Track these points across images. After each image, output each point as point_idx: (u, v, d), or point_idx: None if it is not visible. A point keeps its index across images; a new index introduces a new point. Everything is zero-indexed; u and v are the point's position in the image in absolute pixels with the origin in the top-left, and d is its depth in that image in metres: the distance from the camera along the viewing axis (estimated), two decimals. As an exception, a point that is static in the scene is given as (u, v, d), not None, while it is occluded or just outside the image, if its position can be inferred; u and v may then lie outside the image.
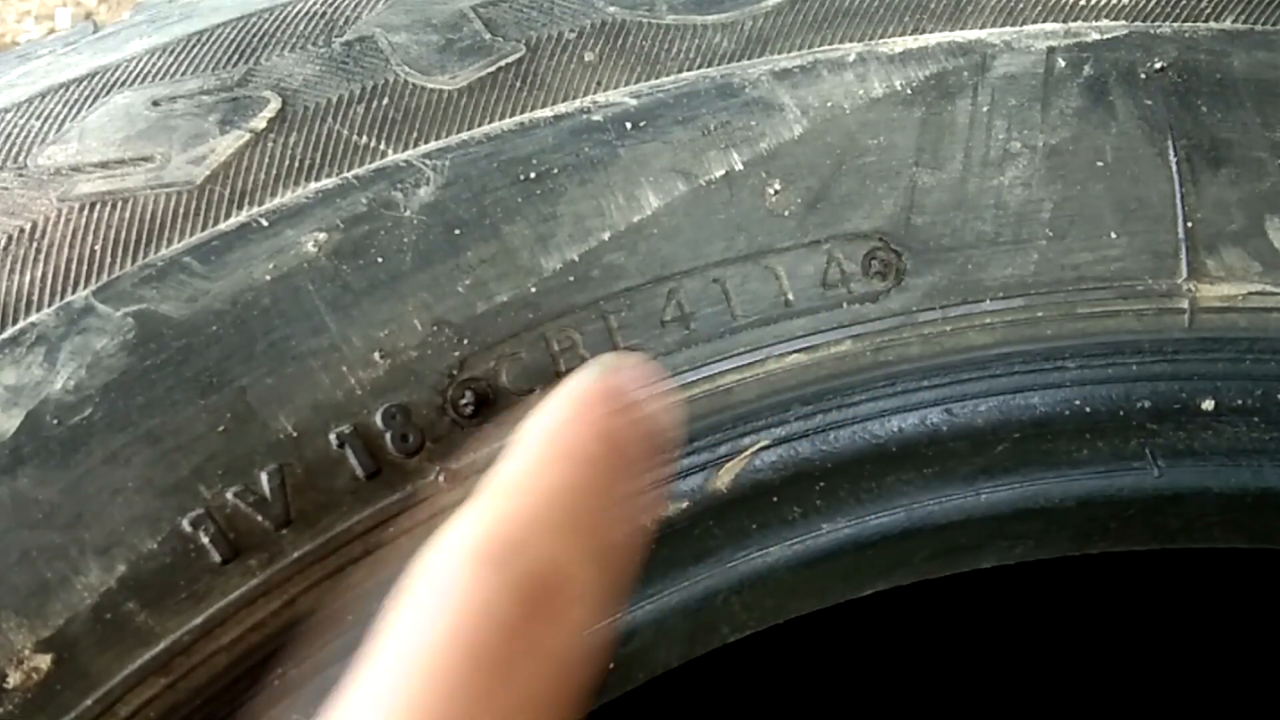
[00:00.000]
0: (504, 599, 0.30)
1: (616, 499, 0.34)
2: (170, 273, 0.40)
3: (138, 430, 0.39)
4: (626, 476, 0.34)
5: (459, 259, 0.41)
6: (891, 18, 0.46)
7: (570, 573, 0.31)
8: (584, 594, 0.31)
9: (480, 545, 0.31)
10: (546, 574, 0.31)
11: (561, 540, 0.31)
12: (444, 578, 0.30)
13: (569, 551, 0.31)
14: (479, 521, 0.32)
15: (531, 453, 0.33)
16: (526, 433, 0.34)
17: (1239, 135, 0.46)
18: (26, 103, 0.44)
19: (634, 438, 0.35)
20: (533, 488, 0.33)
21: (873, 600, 0.52)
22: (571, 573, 0.31)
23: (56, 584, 0.38)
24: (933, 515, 0.48)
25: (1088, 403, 0.47)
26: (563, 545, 0.31)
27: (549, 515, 0.32)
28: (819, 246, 0.44)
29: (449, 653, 0.29)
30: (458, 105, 0.43)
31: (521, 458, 0.33)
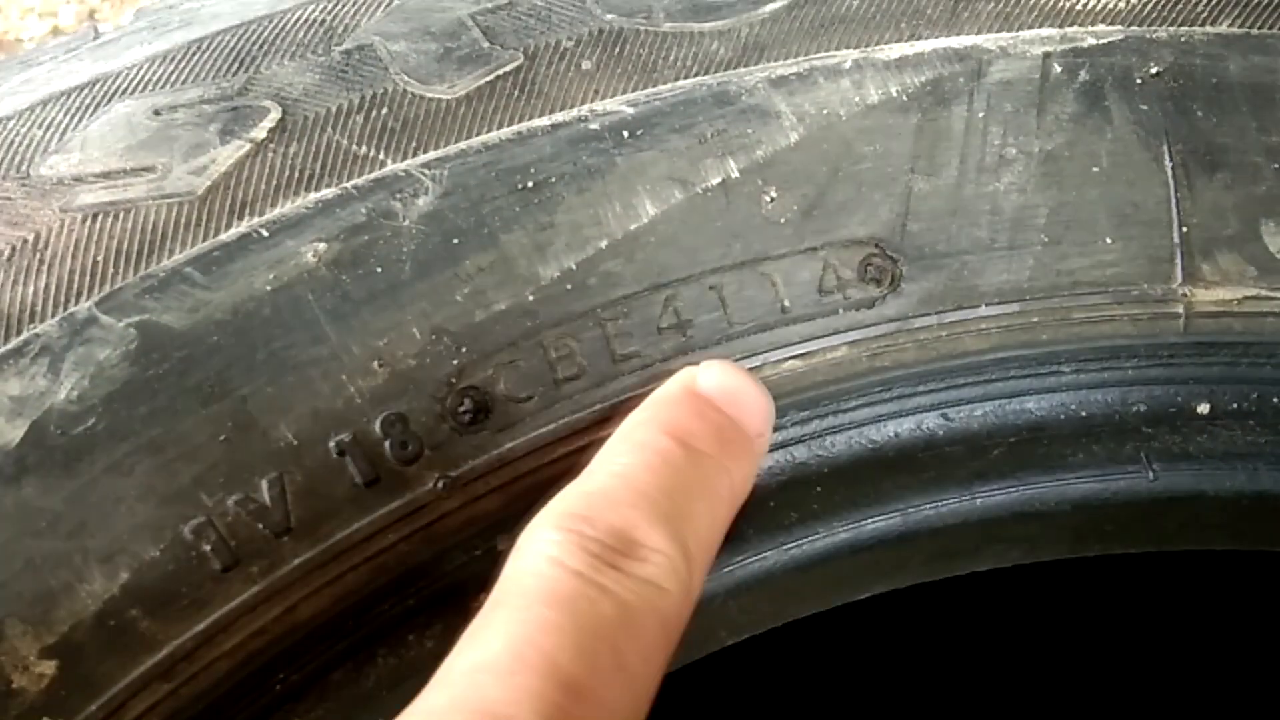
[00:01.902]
0: (573, 553, 0.35)
1: (698, 484, 0.39)
2: (172, 283, 0.40)
3: (140, 439, 0.39)
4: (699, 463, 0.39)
5: (457, 268, 0.42)
6: (888, 24, 0.46)
7: (636, 538, 0.37)
8: (650, 556, 0.36)
9: (557, 516, 0.37)
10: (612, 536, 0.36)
11: (630, 513, 0.37)
12: (524, 541, 0.37)
13: (634, 521, 0.37)
14: (562, 499, 0.38)
15: (616, 444, 0.40)
16: (620, 429, 0.41)
17: (1234, 140, 0.46)
18: (28, 110, 0.45)
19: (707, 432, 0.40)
20: (610, 472, 0.39)
21: (870, 603, 0.52)
22: (638, 538, 0.37)
23: (61, 591, 0.39)
24: (929, 519, 0.48)
25: (1083, 407, 0.47)
26: (630, 517, 0.37)
27: (625, 489, 0.38)
28: (815, 253, 0.44)
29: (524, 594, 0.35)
30: (456, 114, 0.43)
31: (605, 450, 0.40)
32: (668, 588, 0.36)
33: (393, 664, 0.43)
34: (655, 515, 0.37)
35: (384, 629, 0.43)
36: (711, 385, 0.41)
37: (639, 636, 0.35)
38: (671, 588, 0.36)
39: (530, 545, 0.37)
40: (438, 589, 0.43)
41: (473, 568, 0.43)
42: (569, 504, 0.38)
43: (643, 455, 0.39)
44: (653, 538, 0.37)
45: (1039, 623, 0.84)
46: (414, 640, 0.43)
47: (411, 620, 0.43)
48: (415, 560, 0.42)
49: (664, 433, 0.40)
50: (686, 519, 0.38)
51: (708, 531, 0.39)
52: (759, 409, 0.42)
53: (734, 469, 0.41)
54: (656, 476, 0.38)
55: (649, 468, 0.39)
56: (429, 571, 0.43)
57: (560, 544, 0.36)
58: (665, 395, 0.41)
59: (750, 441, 0.42)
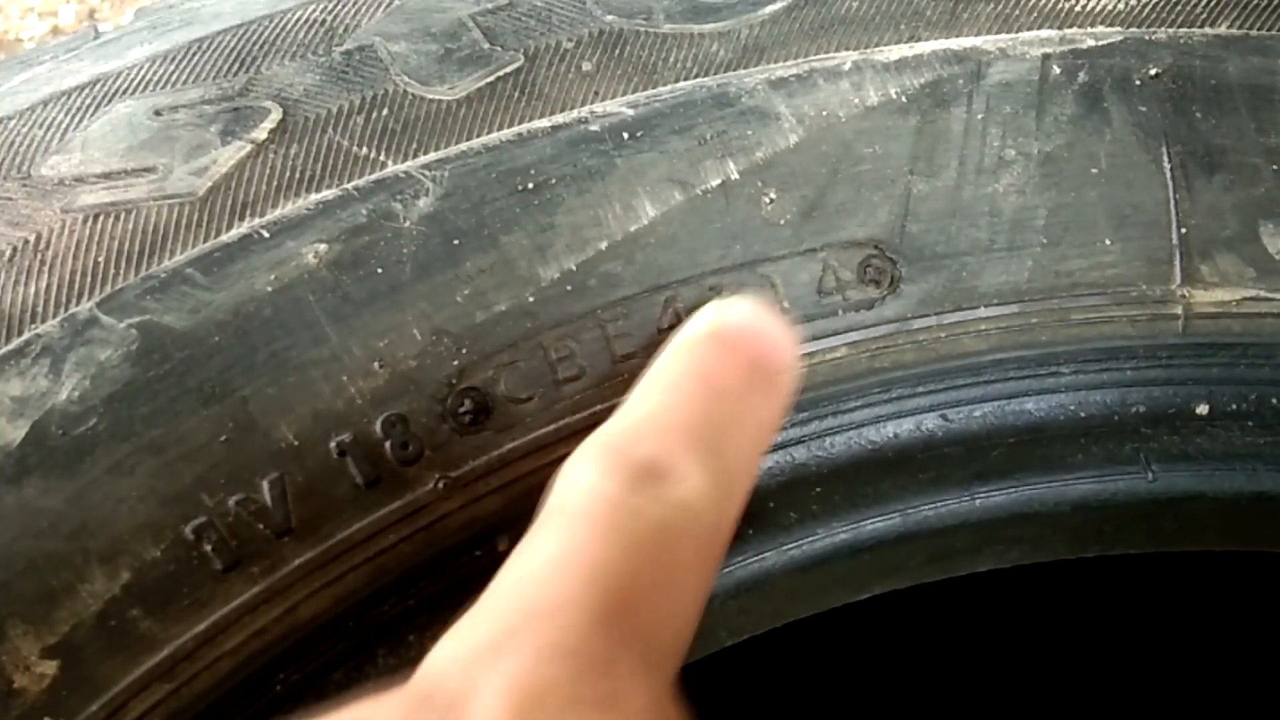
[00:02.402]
0: (611, 476, 0.36)
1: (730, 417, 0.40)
2: (173, 284, 0.40)
3: (141, 440, 0.39)
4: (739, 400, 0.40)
5: (458, 269, 0.42)
6: (887, 26, 0.46)
7: (671, 463, 0.37)
8: (685, 480, 0.37)
9: (595, 447, 0.38)
10: (648, 461, 0.37)
11: (666, 438, 0.38)
12: (564, 472, 0.38)
13: (669, 448, 0.38)
14: (599, 433, 0.39)
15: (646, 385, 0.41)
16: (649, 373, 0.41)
17: (1233, 141, 0.46)
18: (29, 110, 0.45)
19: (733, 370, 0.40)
20: (651, 400, 0.40)
21: (869, 604, 0.52)
22: (673, 463, 0.37)
23: (62, 591, 0.39)
24: (928, 520, 0.49)
25: (1082, 408, 0.48)
26: (667, 442, 0.38)
27: (659, 420, 0.39)
28: (814, 254, 0.44)
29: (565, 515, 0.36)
30: (456, 116, 0.43)
31: (639, 391, 0.41)
32: (703, 510, 0.37)
33: (393, 664, 0.43)
34: (689, 442, 0.38)
35: (384, 629, 0.43)
36: (734, 326, 0.42)
37: (678, 550, 0.36)
38: (707, 510, 0.37)
39: (569, 474, 0.37)
40: (438, 589, 0.43)
41: (473, 568, 0.43)
42: (606, 436, 0.39)
43: (673, 394, 0.40)
44: (687, 462, 0.37)
45: (1039, 623, 0.84)
46: (414, 640, 0.43)
47: (412, 620, 0.43)
48: (416, 560, 0.42)
49: (689, 373, 0.40)
50: (719, 446, 0.39)
51: (741, 460, 0.40)
52: (781, 346, 0.42)
53: (761, 404, 0.41)
54: (688, 410, 0.39)
55: (681, 404, 0.39)
56: (429, 572, 0.43)
57: (599, 469, 0.37)
58: (689, 338, 0.42)
59: (775, 379, 0.42)
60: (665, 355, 0.42)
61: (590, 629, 0.33)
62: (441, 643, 0.33)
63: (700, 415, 0.39)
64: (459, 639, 0.33)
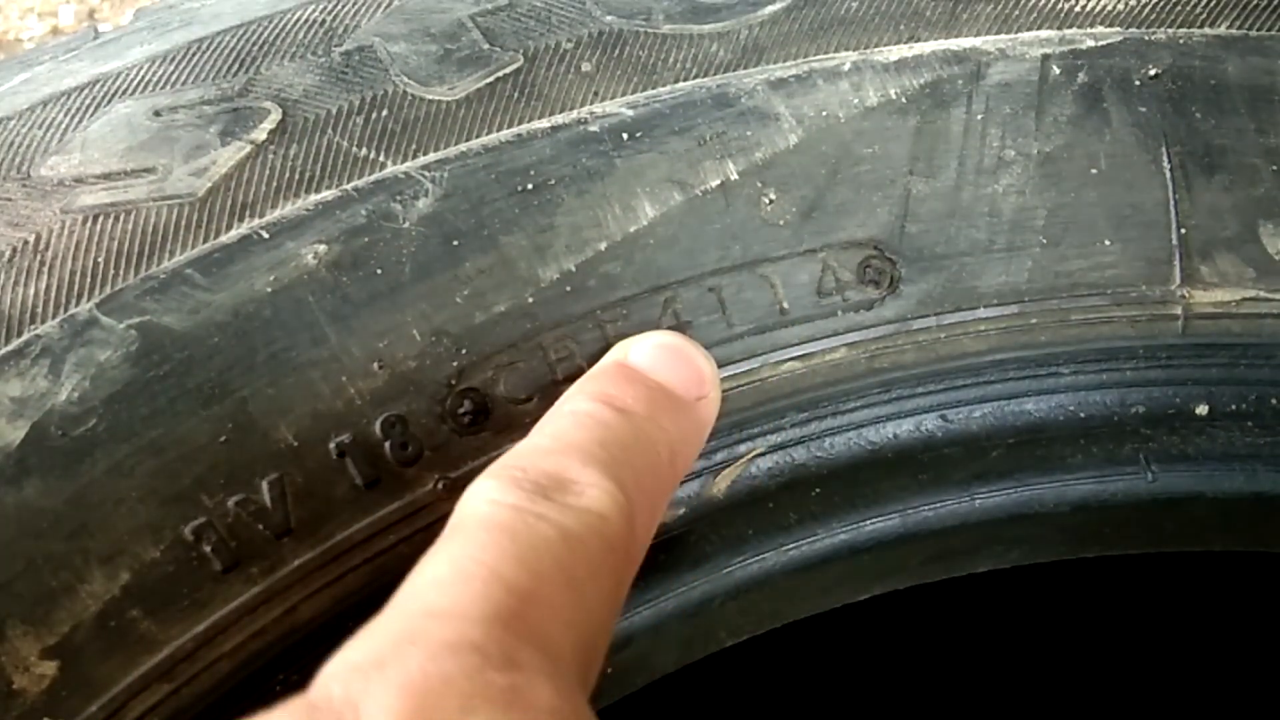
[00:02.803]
0: (508, 490, 0.36)
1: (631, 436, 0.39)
2: (172, 285, 0.40)
3: (141, 441, 0.39)
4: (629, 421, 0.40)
5: (457, 270, 0.42)
6: (887, 26, 0.46)
7: (571, 476, 0.37)
8: (585, 490, 0.37)
9: (492, 469, 0.37)
10: (547, 475, 0.37)
11: (562, 459, 0.38)
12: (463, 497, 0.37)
13: (567, 464, 0.37)
14: (498, 461, 0.39)
15: (547, 416, 0.41)
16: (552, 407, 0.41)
17: (1233, 141, 0.46)
18: (29, 111, 0.45)
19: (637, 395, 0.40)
20: (541, 433, 0.40)
21: (869, 605, 0.52)
22: (573, 476, 0.37)
23: (62, 592, 0.39)
24: (928, 520, 0.49)
25: (1082, 408, 0.48)
26: (562, 462, 0.37)
27: (553, 445, 0.38)
28: (814, 255, 0.44)
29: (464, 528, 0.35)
30: (456, 116, 0.43)
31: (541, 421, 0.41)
32: (608, 515, 0.36)
33: (392, 665, 0.43)
34: (588, 458, 0.38)
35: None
36: (640, 357, 0.42)
37: (582, 554, 0.35)
38: (611, 515, 0.36)
39: (468, 495, 0.37)
40: (437, 590, 0.43)
41: (472, 569, 0.43)
42: (504, 459, 0.38)
43: (572, 418, 0.39)
44: (586, 475, 0.37)
45: (1039, 623, 0.84)
46: (414, 641, 0.43)
47: (411, 621, 0.43)
48: (415, 561, 0.42)
49: (591, 399, 0.40)
50: (621, 464, 0.38)
51: (646, 479, 0.39)
52: (693, 372, 0.42)
53: (668, 426, 0.41)
54: (587, 431, 0.39)
55: (579, 426, 0.39)
56: (429, 572, 0.43)
57: (496, 486, 0.36)
58: (595, 370, 0.42)
59: (685, 404, 0.42)
60: (571, 389, 0.41)
61: (490, 626, 0.31)
62: (337, 653, 0.32)
63: (599, 434, 0.39)
64: (354, 647, 0.32)
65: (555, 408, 0.41)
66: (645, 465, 0.39)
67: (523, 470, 0.37)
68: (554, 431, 0.39)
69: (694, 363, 0.42)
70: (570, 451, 0.38)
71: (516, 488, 0.36)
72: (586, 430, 0.39)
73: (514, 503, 0.35)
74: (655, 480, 0.40)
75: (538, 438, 0.39)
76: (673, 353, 0.42)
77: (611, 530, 0.36)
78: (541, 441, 0.39)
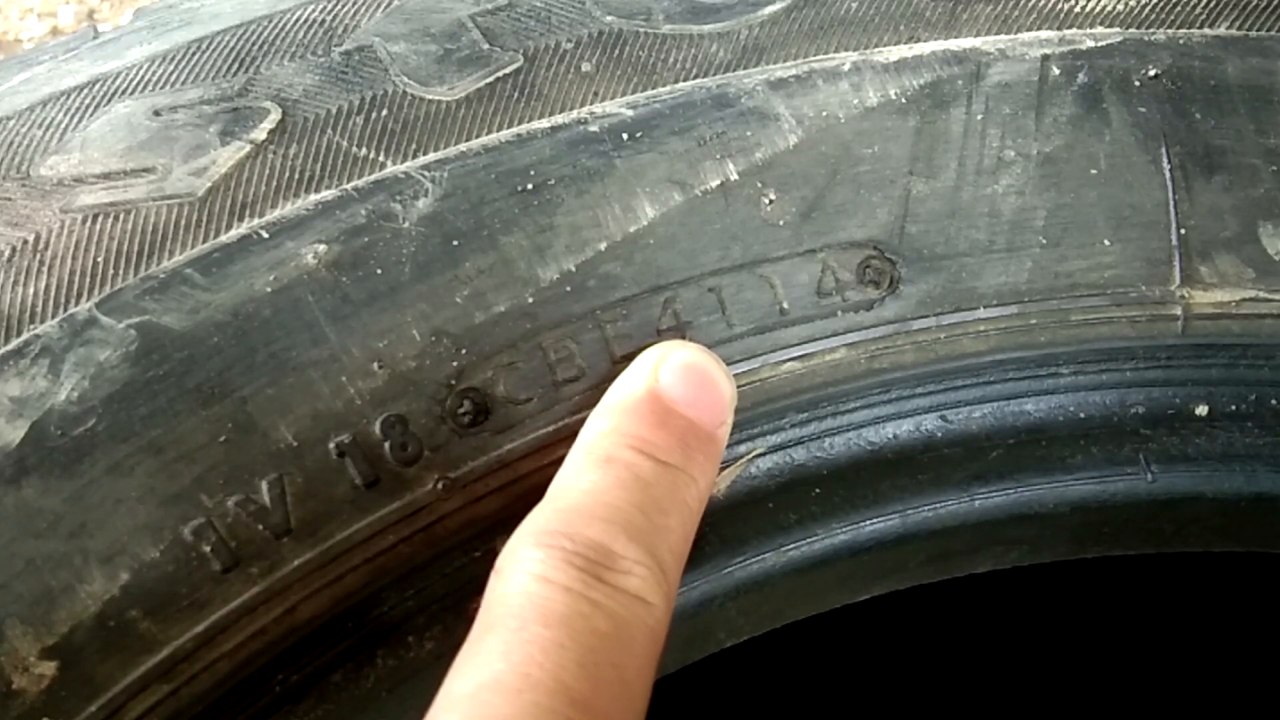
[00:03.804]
0: (559, 567, 0.36)
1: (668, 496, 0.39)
2: (172, 284, 0.40)
3: (140, 440, 0.39)
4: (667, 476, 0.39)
5: (457, 270, 0.42)
6: (886, 27, 0.46)
7: (615, 550, 0.37)
8: (632, 569, 0.37)
9: (535, 534, 0.37)
10: (593, 550, 0.36)
11: (606, 528, 0.37)
12: (505, 562, 0.37)
13: (612, 535, 0.37)
14: (535, 517, 0.38)
15: (581, 458, 0.40)
16: (579, 439, 0.41)
17: (1232, 142, 0.46)
18: (28, 110, 0.45)
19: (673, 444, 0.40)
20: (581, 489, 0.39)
21: (870, 604, 0.52)
22: (618, 551, 0.37)
23: (61, 592, 0.39)
24: (928, 521, 0.49)
25: (1082, 409, 0.48)
26: (608, 531, 0.37)
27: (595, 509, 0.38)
28: (814, 255, 0.44)
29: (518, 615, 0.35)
30: (456, 116, 0.43)
31: (571, 464, 0.40)
32: (653, 601, 0.37)
33: (392, 665, 0.43)
34: (632, 530, 0.37)
35: (383, 630, 0.43)
36: (671, 385, 0.41)
37: (633, 651, 0.36)
38: (655, 601, 0.37)
39: (513, 565, 0.37)
40: (437, 590, 0.43)
41: (472, 569, 0.43)
42: (545, 521, 0.38)
43: (612, 471, 0.39)
44: (633, 551, 0.37)
45: (1039, 623, 0.84)
46: (413, 641, 0.43)
47: (411, 621, 0.43)
48: (415, 561, 0.42)
49: (629, 447, 0.40)
50: (660, 533, 0.38)
51: (680, 544, 0.39)
52: (718, 399, 0.42)
53: (700, 476, 0.41)
54: (627, 492, 0.38)
55: (619, 484, 0.39)
56: (429, 573, 0.43)
57: (544, 560, 0.36)
58: (626, 401, 0.41)
59: (713, 439, 0.42)
60: (596, 423, 0.41)
61: None
62: None
63: (640, 497, 0.38)
64: None
65: (588, 446, 0.40)
66: (680, 528, 0.39)
67: (570, 540, 0.36)
68: (594, 489, 0.39)
69: (720, 388, 0.42)
70: (614, 518, 0.37)
71: (567, 565, 0.36)
72: (628, 492, 0.38)
73: (566, 584, 0.35)
74: (686, 544, 0.40)
75: (575, 495, 0.39)
76: (701, 378, 0.42)
77: (654, 619, 0.37)
78: (583, 502, 0.38)
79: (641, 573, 0.37)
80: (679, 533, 0.39)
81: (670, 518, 0.39)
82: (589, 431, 0.41)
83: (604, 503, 0.38)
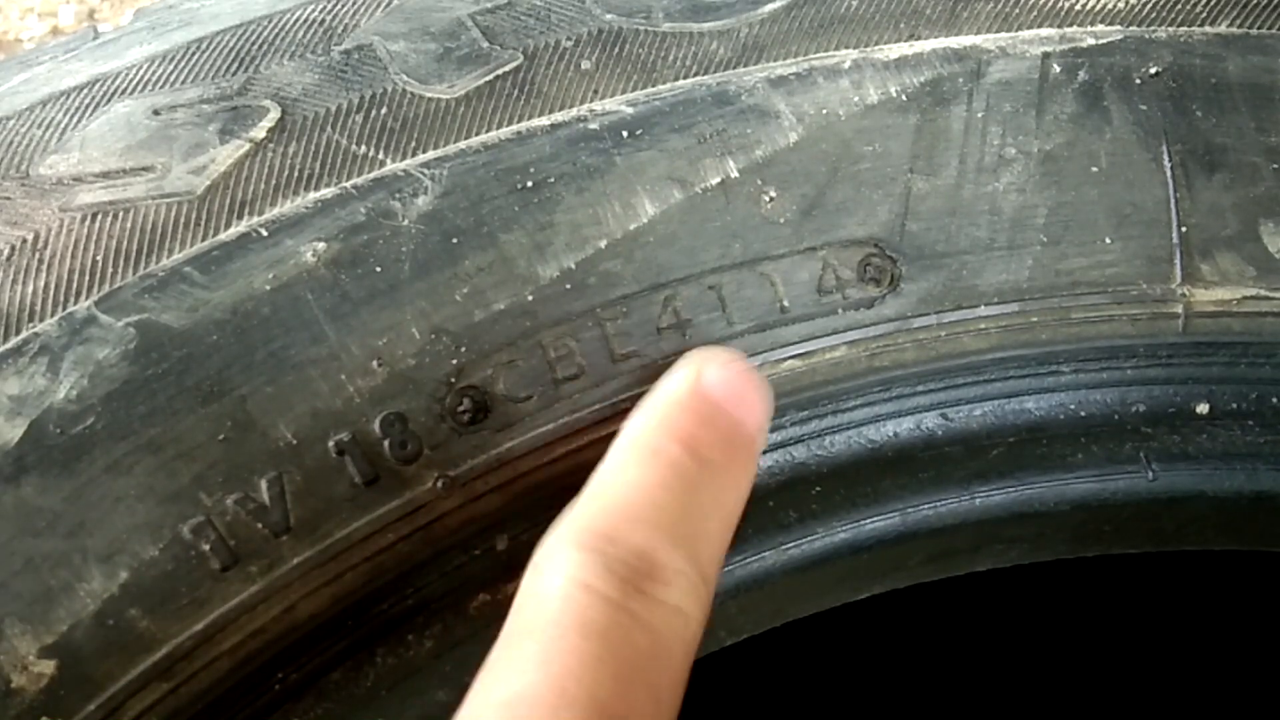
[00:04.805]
0: (600, 575, 0.34)
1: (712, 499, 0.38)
2: (171, 283, 0.40)
3: (139, 439, 0.39)
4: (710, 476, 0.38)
5: (457, 268, 0.42)
6: (887, 24, 0.46)
7: (658, 559, 0.35)
8: (673, 579, 0.36)
9: (578, 532, 0.36)
10: (636, 557, 0.35)
11: (651, 533, 0.36)
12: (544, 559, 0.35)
13: (656, 542, 0.36)
14: (579, 513, 0.37)
15: (626, 450, 0.39)
16: (623, 433, 0.39)
17: (1234, 140, 0.46)
18: (28, 110, 0.45)
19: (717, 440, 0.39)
20: (625, 482, 0.37)
21: (870, 604, 0.52)
22: (659, 559, 0.35)
23: (60, 591, 0.39)
24: (928, 519, 0.48)
25: (1082, 407, 0.47)
26: (652, 537, 0.36)
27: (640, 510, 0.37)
28: (814, 253, 0.44)
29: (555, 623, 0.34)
30: (455, 114, 0.43)
31: (615, 457, 0.39)
32: (691, 613, 0.36)
33: (392, 664, 0.43)
34: (675, 535, 0.36)
35: (383, 629, 0.43)
36: (716, 383, 0.40)
37: (669, 667, 0.35)
38: (694, 612, 0.36)
39: (552, 565, 0.35)
40: (437, 589, 0.43)
41: (472, 567, 0.43)
42: (588, 519, 0.37)
43: (656, 467, 0.38)
44: (675, 559, 0.36)
45: (1039, 623, 0.84)
46: (413, 640, 0.43)
47: (411, 620, 0.43)
48: (414, 560, 0.42)
49: (675, 440, 0.38)
50: (703, 538, 0.37)
51: (720, 549, 0.38)
52: (762, 404, 0.41)
53: (742, 479, 0.40)
54: (672, 493, 0.37)
55: (664, 483, 0.37)
56: (428, 571, 0.43)
57: (586, 564, 0.35)
58: (672, 396, 0.40)
59: (754, 441, 0.41)
60: (642, 417, 0.40)
61: None
62: None
63: (684, 500, 0.37)
64: None
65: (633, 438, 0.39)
66: (720, 533, 0.38)
67: (612, 544, 0.35)
68: (640, 484, 0.37)
69: (761, 393, 0.41)
70: (660, 522, 0.36)
71: (609, 572, 0.34)
72: (672, 493, 0.37)
73: (606, 592, 0.34)
74: (725, 545, 0.39)
75: (620, 490, 0.37)
76: (744, 380, 0.41)
77: (691, 632, 0.36)
78: (628, 498, 0.37)
79: (682, 583, 0.35)
80: (719, 538, 0.38)
81: (712, 521, 0.38)
82: (634, 424, 0.40)
83: (648, 502, 0.37)
